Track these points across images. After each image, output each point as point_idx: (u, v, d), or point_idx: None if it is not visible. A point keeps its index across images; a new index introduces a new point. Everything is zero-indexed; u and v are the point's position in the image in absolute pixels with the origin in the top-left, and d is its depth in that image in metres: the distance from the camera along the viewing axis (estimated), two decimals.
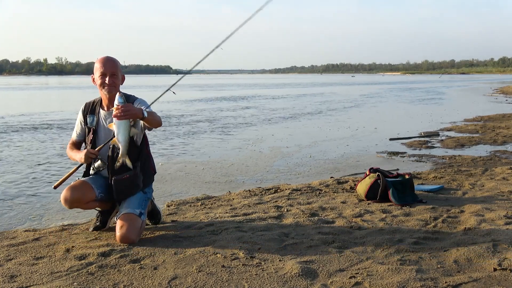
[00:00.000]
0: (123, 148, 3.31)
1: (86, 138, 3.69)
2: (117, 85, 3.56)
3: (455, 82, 70.65)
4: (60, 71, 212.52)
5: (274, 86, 52.74)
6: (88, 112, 3.68)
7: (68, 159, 4.19)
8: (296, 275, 2.89)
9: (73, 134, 3.78)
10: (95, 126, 3.63)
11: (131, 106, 3.25)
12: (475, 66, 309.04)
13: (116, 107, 3.17)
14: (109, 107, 3.58)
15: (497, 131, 11.06)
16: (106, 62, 3.57)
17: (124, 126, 3.24)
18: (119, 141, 3.29)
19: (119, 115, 3.17)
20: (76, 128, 3.77)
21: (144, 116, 3.27)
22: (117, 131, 3.25)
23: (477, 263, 3.09)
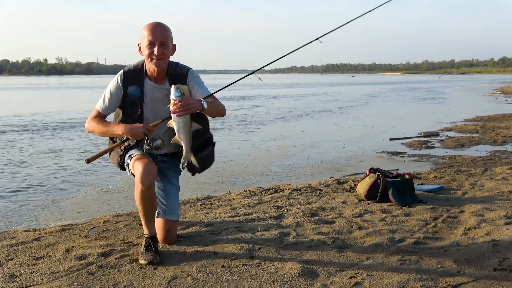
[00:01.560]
0: (186, 146, 2.99)
1: (126, 113, 3.18)
2: (166, 56, 3.09)
3: (455, 82, 70.66)
4: (60, 71, 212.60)
5: (275, 86, 52.71)
6: (130, 82, 3.15)
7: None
8: (296, 275, 2.89)
9: (99, 105, 3.18)
10: (141, 100, 3.15)
11: (189, 99, 2.88)
12: (475, 66, 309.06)
13: (174, 103, 2.84)
14: (157, 79, 3.17)
15: (497, 131, 11.05)
16: (155, 29, 3.05)
17: (185, 122, 2.90)
18: (181, 139, 2.96)
19: (178, 112, 2.83)
20: (105, 98, 3.16)
21: (204, 108, 2.92)
22: (177, 129, 2.92)
23: (477, 263, 3.09)
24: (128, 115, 3.16)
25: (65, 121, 14.25)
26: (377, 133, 11.26)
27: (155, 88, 3.17)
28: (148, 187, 3.04)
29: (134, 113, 3.15)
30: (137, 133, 3.00)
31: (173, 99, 2.85)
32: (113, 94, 3.15)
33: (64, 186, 6.03)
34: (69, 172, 6.83)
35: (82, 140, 10.24)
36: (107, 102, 3.16)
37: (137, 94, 3.14)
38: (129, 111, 3.16)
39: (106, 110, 3.19)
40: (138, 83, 3.14)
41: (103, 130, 3.11)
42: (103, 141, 9.96)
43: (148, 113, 3.17)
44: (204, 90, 3.17)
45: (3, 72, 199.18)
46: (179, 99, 2.83)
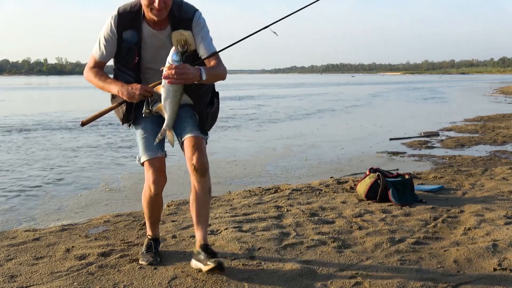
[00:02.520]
0: (168, 119, 2.60)
1: (121, 60, 2.82)
2: (168, 5, 2.67)
3: (455, 82, 70.67)
4: (60, 71, 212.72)
5: (277, 86, 52.71)
6: (126, 26, 2.75)
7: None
8: (296, 275, 2.89)
9: (96, 52, 2.82)
10: (139, 45, 2.77)
11: (187, 67, 2.51)
12: (475, 66, 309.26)
13: (169, 66, 2.48)
14: (157, 24, 2.76)
15: (497, 131, 11.05)
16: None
17: (175, 92, 2.53)
18: (166, 109, 2.57)
19: (170, 78, 2.48)
20: (101, 44, 2.79)
21: (201, 80, 2.59)
22: (164, 96, 2.55)
23: (477, 263, 3.10)
24: (123, 63, 2.81)
25: (67, 121, 14.25)
26: (381, 133, 11.25)
27: (154, 35, 2.79)
28: (156, 194, 2.95)
29: (130, 61, 2.79)
30: (133, 96, 2.66)
31: (169, 62, 2.50)
32: (107, 40, 2.77)
33: (65, 186, 6.02)
34: (70, 172, 6.82)
35: (84, 140, 10.24)
36: (103, 49, 2.79)
37: (134, 39, 2.76)
38: (125, 59, 2.80)
39: (104, 58, 2.83)
40: (134, 27, 2.75)
41: (99, 85, 2.80)
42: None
43: (147, 61, 2.81)
44: (208, 44, 2.78)
45: (3, 72, 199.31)
46: (176, 65, 2.48)
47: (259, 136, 11.09)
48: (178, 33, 2.71)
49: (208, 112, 2.92)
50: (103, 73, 2.84)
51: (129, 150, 8.85)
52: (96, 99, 27.01)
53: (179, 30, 2.73)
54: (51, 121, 14.21)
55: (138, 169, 6.91)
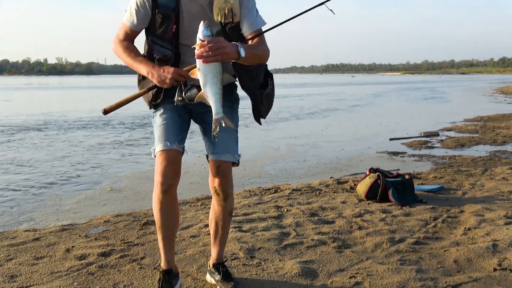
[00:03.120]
0: (216, 106, 2.18)
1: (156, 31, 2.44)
2: None
3: (455, 82, 70.68)
4: (60, 71, 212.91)
5: (280, 86, 52.75)
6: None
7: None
8: (296, 275, 2.89)
9: (127, 19, 2.46)
10: (176, 12, 2.39)
11: (222, 41, 2.12)
12: (475, 66, 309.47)
13: (201, 44, 2.10)
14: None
15: (497, 131, 11.06)
16: None
17: (214, 74, 2.15)
18: (208, 96, 2.18)
19: (205, 56, 2.09)
20: (132, 10, 2.44)
21: (240, 57, 2.19)
22: (203, 81, 2.16)
23: (477, 263, 3.10)
24: (159, 34, 2.43)
25: (70, 120, 14.25)
26: (383, 132, 11.25)
27: (193, 2, 2.40)
28: (165, 190, 2.43)
29: (167, 30, 2.40)
30: (164, 80, 2.31)
31: (200, 39, 2.11)
32: (140, 4, 2.40)
33: (65, 186, 6.02)
34: (70, 172, 6.82)
35: (87, 139, 10.24)
36: (134, 15, 2.43)
37: (172, 4, 2.38)
38: (160, 28, 2.41)
39: (136, 26, 2.46)
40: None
41: (128, 62, 2.48)
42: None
43: (185, 33, 2.42)
44: (254, 19, 2.42)
45: (3, 72, 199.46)
46: (208, 40, 2.09)
47: (265, 135, 11.08)
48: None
49: (262, 93, 2.53)
50: (134, 48, 2.50)
51: (135, 148, 8.85)
52: (103, 98, 27.00)
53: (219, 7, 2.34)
54: (55, 120, 14.21)
55: (141, 168, 6.92)
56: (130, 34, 2.49)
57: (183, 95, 2.39)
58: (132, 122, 13.62)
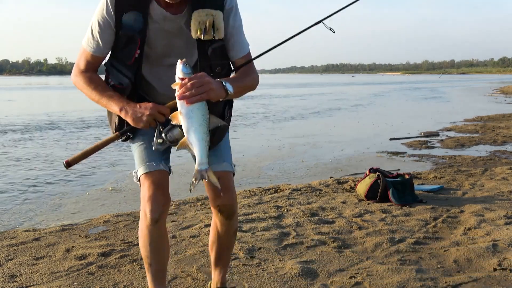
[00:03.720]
0: (200, 155, 1.83)
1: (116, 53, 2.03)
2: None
3: (455, 82, 70.68)
4: (60, 71, 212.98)
5: (281, 86, 52.71)
6: (126, 6, 1.94)
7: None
8: (296, 275, 2.89)
9: (88, 44, 2.02)
10: (143, 34, 1.98)
11: (205, 76, 1.78)
12: (475, 66, 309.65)
13: (181, 83, 1.77)
14: (173, 5, 1.96)
15: (497, 131, 11.06)
16: None
17: (199, 115, 1.79)
18: (192, 142, 1.82)
19: (188, 96, 1.74)
20: (94, 32, 1.99)
21: (228, 93, 1.87)
22: (187, 125, 1.80)
23: (477, 263, 3.10)
24: (119, 57, 2.03)
25: (72, 120, 14.25)
26: (385, 132, 11.25)
27: (168, 20, 1.99)
28: (156, 219, 2.05)
29: (129, 55, 2.00)
30: (140, 118, 1.89)
31: (179, 78, 1.78)
32: (103, 25, 1.97)
33: (65, 186, 6.02)
34: (71, 171, 6.82)
35: (89, 139, 10.24)
36: (97, 38, 1.99)
37: (138, 25, 1.95)
38: (122, 52, 2.01)
39: (100, 51, 2.02)
40: (139, 8, 1.95)
41: (94, 98, 2.01)
42: None
43: (154, 56, 2.05)
44: (243, 41, 2.07)
45: (3, 72, 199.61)
46: (189, 77, 1.77)
47: (269, 134, 11.08)
48: (203, 12, 1.93)
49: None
50: (100, 81, 2.05)
51: None
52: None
53: (205, 9, 1.95)
54: (58, 120, 14.21)
55: None
56: (92, 62, 2.05)
57: (164, 136, 2.00)
58: None
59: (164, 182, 2.10)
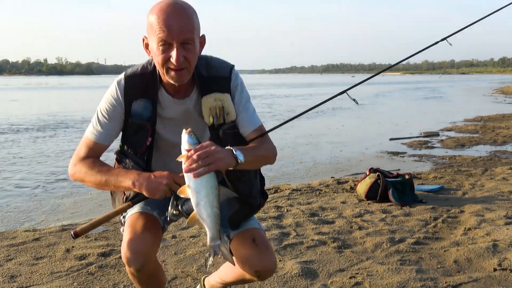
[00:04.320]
0: (212, 230, 1.72)
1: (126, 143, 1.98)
2: (192, 63, 1.81)
3: (455, 82, 70.66)
4: (60, 71, 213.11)
5: (283, 86, 52.72)
6: (136, 94, 1.91)
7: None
8: (296, 275, 2.89)
9: (92, 132, 1.95)
10: (153, 122, 1.93)
11: (211, 145, 1.67)
12: (475, 66, 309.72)
13: (187, 155, 1.66)
14: (179, 91, 1.92)
15: (497, 131, 11.06)
16: (172, 18, 1.73)
17: (208, 188, 1.68)
18: (203, 216, 1.70)
19: (195, 168, 1.62)
20: (99, 119, 1.94)
21: (239, 163, 1.74)
22: (195, 200, 1.68)
23: (477, 263, 3.10)
24: (130, 147, 1.97)
25: (74, 120, 14.25)
26: (386, 132, 11.25)
27: (176, 106, 1.94)
28: (138, 269, 1.88)
29: (140, 143, 1.94)
30: (157, 188, 1.76)
31: (185, 150, 1.68)
32: (111, 112, 1.92)
33: (65, 186, 6.02)
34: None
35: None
36: (102, 125, 1.92)
37: (147, 113, 1.91)
38: (132, 141, 1.95)
39: (104, 139, 1.93)
40: (148, 95, 1.91)
41: (99, 180, 1.87)
42: None
43: (164, 144, 1.98)
44: (252, 116, 1.99)
45: (3, 72, 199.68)
46: (195, 148, 1.66)
47: (275, 133, 11.09)
48: (212, 97, 1.90)
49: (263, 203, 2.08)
50: (103, 163, 1.94)
51: None
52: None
53: (213, 93, 1.91)
54: (61, 121, 14.20)
55: None
56: (94, 149, 1.93)
57: (180, 207, 1.85)
58: None
59: (155, 227, 1.94)
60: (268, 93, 34.82)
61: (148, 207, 1.97)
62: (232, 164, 1.72)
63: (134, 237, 1.86)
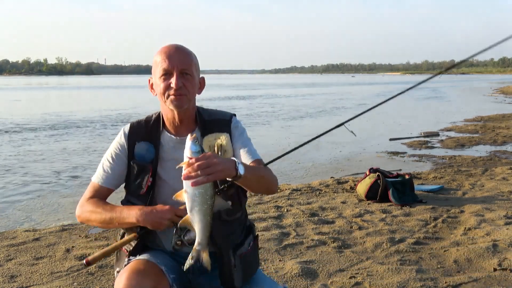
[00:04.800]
0: (200, 235, 1.78)
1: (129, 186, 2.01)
2: (190, 91, 1.94)
3: (455, 82, 70.66)
4: (60, 71, 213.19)
5: (284, 86, 52.72)
6: (139, 137, 2.03)
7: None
8: (296, 275, 2.89)
9: (97, 176, 2.03)
10: (154, 163, 2.01)
11: (212, 157, 1.69)
12: (475, 66, 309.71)
13: (188, 162, 1.69)
14: (181, 130, 2.01)
15: (497, 131, 11.06)
16: (172, 52, 1.93)
17: (202, 196, 1.75)
18: (194, 221, 1.76)
19: (193, 177, 1.66)
20: (105, 165, 2.03)
21: (238, 175, 1.75)
22: (190, 206, 1.75)
23: (477, 263, 3.10)
24: (132, 190, 2.02)
25: (76, 120, 14.25)
26: (386, 132, 11.25)
27: (178, 145, 1.99)
28: None
29: (141, 185, 1.99)
30: (159, 221, 1.85)
31: (187, 157, 1.72)
32: (115, 155, 2.01)
33: (66, 186, 6.02)
34: (71, 172, 6.82)
35: (91, 139, 10.24)
36: (107, 169, 2.01)
37: (150, 155, 2.01)
38: (133, 183, 2.01)
39: (108, 182, 2.01)
40: (151, 138, 2.02)
41: (104, 218, 1.95)
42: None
43: (165, 186, 2.00)
44: (249, 150, 2.04)
45: (3, 72, 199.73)
46: (197, 156, 1.70)
47: (281, 132, 11.06)
48: (212, 136, 1.99)
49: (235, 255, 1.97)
50: (107, 202, 2.01)
51: None
52: (104, 98, 26.97)
53: (214, 133, 2.01)
54: (64, 121, 14.20)
55: None
56: (100, 192, 2.02)
57: (182, 237, 1.90)
58: None
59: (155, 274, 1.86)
60: (269, 93, 34.81)
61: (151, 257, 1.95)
62: (232, 174, 1.73)
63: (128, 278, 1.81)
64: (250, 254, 2.04)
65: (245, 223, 2.14)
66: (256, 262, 2.11)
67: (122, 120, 14.22)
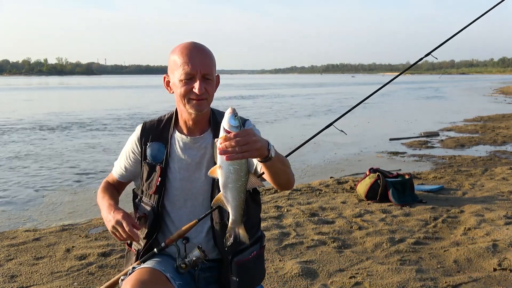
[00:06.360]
0: (234, 213, 1.75)
1: (142, 182, 2.07)
2: (211, 95, 1.97)
3: (455, 82, 70.68)
4: (60, 71, 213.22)
5: (285, 86, 52.75)
6: (150, 138, 2.06)
7: None
8: (296, 275, 2.89)
9: (115, 170, 2.17)
10: (164, 162, 2.03)
11: (252, 134, 1.65)
12: (475, 66, 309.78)
13: (226, 136, 1.64)
14: (194, 130, 2.02)
15: (497, 131, 11.06)
16: (194, 54, 1.91)
17: (238, 172, 1.70)
18: (228, 200, 1.74)
19: (230, 152, 1.62)
20: (121, 160, 2.14)
21: (269, 156, 1.74)
22: (224, 182, 1.71)
23: (477, 263, 3.10)
24: (144, 190, 2.07)
25: (77, 121, 14.25)
26: (386, 132, 11.25)
27: (190, 144, 2.02)
28: None
29: (151, 184, 2.03)
30: (108, 226, 1.97)
31: (225, 129, 1.67)
32: (129, 154, 2.10)
33: (66, 186, 6.03)
34: (71, 172, 6.83)
35: (93, 139, 10.24)
36: (122, 165, 2.13)
37: (160, 155, 2.04)
38: (146, 183, 2.05)
39: (123, 177, 2.14)
40: (162, 139, 2.06)
41: (98, 202, 2.12)
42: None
43: (174, 186, 2.02)
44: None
45: (4, 72, 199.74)
46: (236, 131, 1.65)
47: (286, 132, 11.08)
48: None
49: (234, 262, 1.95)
50: (110, 189, 2.15)
51: None
52: (105, 98, 26.97)
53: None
54: (68, 121, 14.21)
55: None
56: (115, 182, 2.18)
57: (185, 260, 1.90)
58: None
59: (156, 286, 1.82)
60: (272, 93, 34.83)
61: (155, 264, 1.93)
62: (264, 154, 1.73)
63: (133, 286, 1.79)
64: (250, 262, 1.99)
65: (256, 233, 2.07)
66: (260, 273, 2.07)
67: (129, 119, 14.20)
